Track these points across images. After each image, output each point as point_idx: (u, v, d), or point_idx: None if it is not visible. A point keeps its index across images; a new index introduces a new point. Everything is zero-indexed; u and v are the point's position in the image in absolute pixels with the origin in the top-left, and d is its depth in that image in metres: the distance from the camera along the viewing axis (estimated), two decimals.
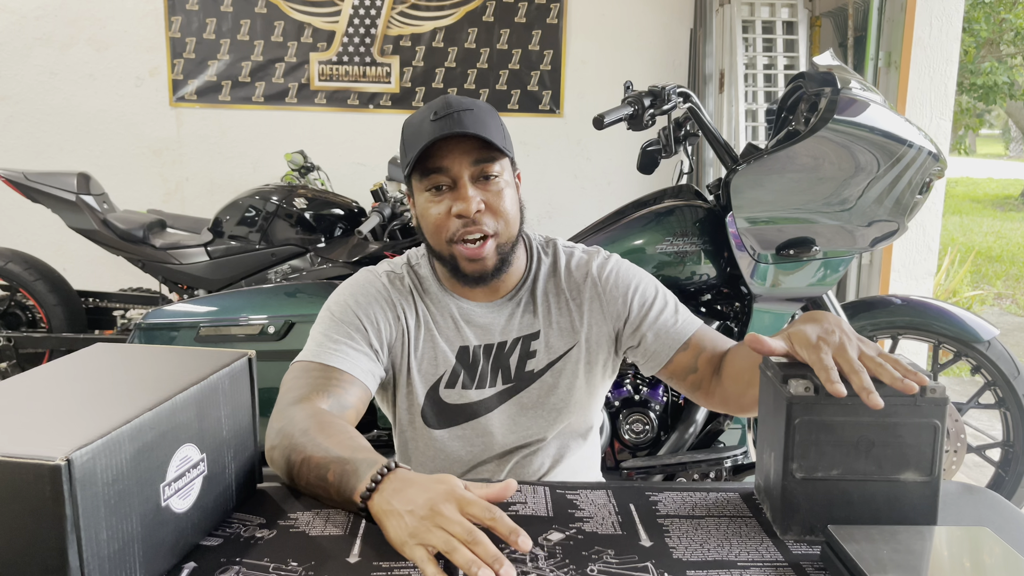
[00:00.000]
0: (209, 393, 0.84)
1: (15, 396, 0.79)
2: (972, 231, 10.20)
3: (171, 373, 0.84)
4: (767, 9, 3.81)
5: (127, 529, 0.71)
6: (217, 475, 0.86)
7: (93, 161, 4.07)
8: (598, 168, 4.35)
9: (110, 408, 0.74)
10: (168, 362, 0.90)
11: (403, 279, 1.26)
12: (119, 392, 0.80)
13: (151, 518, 0.75)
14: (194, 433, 0.81)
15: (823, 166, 2.03)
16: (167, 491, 0.77)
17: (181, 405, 0.79)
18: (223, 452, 0.87)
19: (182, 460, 0.79)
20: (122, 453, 0.70)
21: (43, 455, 0.63)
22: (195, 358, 0.90)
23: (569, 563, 0.81)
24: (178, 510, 0.78)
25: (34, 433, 0.69)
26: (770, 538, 0.88)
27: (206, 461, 0.83)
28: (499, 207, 1.16)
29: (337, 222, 2.98)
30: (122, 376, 0.86)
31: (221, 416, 0.86)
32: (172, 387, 0.80)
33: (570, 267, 1.28)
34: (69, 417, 0.73)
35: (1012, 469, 2.31)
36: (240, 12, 4.11)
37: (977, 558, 0.80)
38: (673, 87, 2.10)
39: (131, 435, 0.71)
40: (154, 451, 0.75)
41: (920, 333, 2.32)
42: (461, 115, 1.12)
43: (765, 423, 0.93)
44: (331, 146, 4.16)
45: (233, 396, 0.89)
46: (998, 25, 10.92)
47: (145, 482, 0.74)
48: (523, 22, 4.21)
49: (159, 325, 2.09)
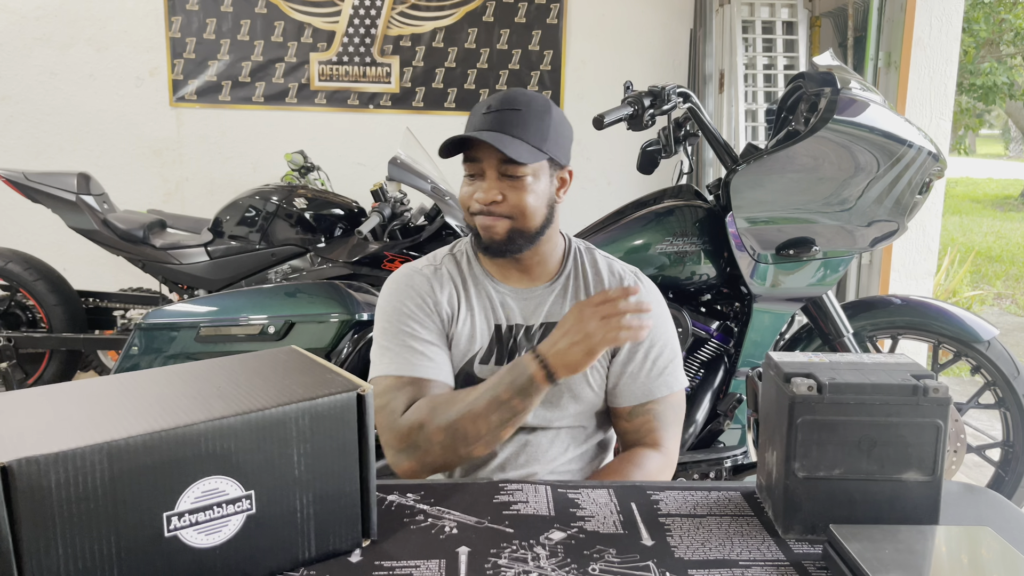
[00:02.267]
0: (270, 427, 0.74)
1: (64, 397, 0.79)
2: (972, 231, 10.20)
3: (240, 395, 0.77)
4: (767, 9, 3.81)
5: (99, 551, 0.68)
6: (276, 517, 0.76)
7: (93, 161, 4.07)
8: (598, 168, 4.35)
9: (112, 424, 0.70)
10: (262, 382, 0.81)
11: (440, 267, 1.35)
12: (146, 409, 0.74)
13: (144, 545, 0.70)
14: (232, 467, 0.73)
15: (823, 166, 2.03)
16: (176, 521, 0.71)
17: (208, 435, 0.71)
18: (289, 493, 0.76)
19: (205, 492, 0.72)
20: (95, 472, 0.67)
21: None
22: (301, 382, 0.80)
23: (571, 562, 0.81)
24: (195, 544, 0.72)
25: (19, 436, 0.68)
26: (772, 537, 0.88)
27: (254, 500, 0.74)
28: (517, 200, 1.25)
29: (337, 222, 2.98)
30: (176, 391, 0.79)
31: (293, 454, 0.76)
32: (208, 413, 0.73)
33: (605, 270, 1.36)
34: (67, 426, 0.71)
35: (1012, 469, 2.31)
36: (240, 12, 4.11)
37: (978, 557, 0.80)
38: (673, 87, 2.10)
39: (110, 454, 0.67)
40: (153, 476, 0.69)
41: (920, 333, 2.31)
42: (504, 115, 1.23)
43: (767, 422, 0.94)
44: (331, 146, 4.16)
45: (321, 434, 0.77)
46: (998, 25, 10.92)
47: (135, 507, 0.69)
48: (523, 22, 4.21)
49: (159, 325, 2.09)
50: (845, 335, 2.21)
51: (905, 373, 0.87)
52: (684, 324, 2.14)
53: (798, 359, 0.92)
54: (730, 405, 2.22)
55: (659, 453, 1.27)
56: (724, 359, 2.25)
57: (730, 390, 2.23)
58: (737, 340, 2.22)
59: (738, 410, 2.23)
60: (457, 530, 0.88)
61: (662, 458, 1.27)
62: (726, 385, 2.24)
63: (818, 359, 0.93)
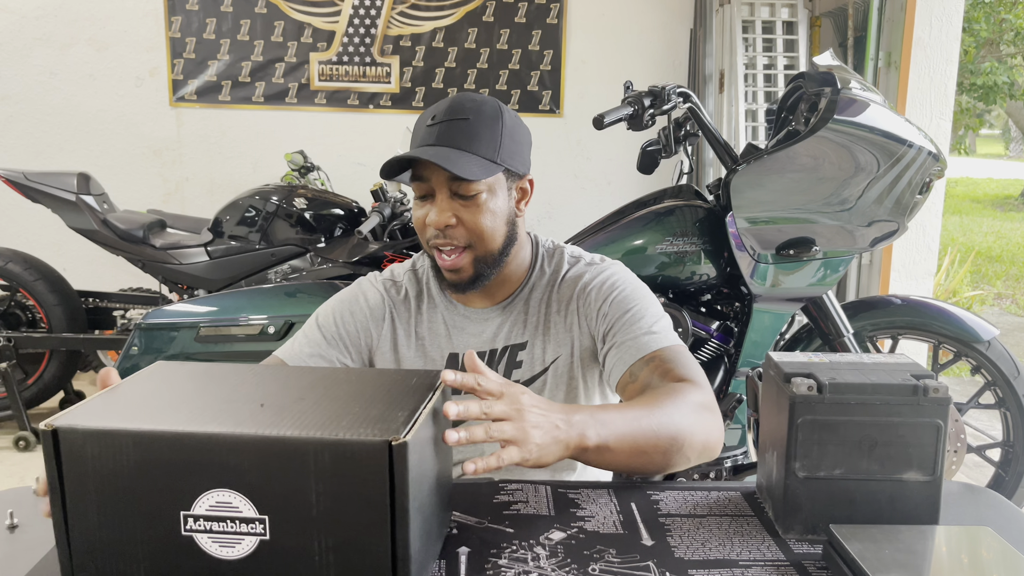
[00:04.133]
0: (286, 455, 0.70)
1: (161, 379, 0.85)
2: (972, 231, 10.20)
3: (279, 414, 0.74)
4: (767, 9, 3.81)
5: (125, 528, 0.72)
6: (291, 552, 0.72)
7: (93, 161, 4.06)
8: (598, 168, 4.35)
9: (154, 415, 0.75)
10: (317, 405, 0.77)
11: (401, 287, 1.28)
12: (190, 407, 0.77)
13: (163, 537, 0.72)
14: (246, 485, 0.70)
15: (823, 166, 2.03)
16: (192, 523, 0.71)
17: (225, 446, 0.70)
18: (306, 531, 0.71)
19: (220, 503, 0.71)
20: (122, 454, 0.71)
21: (51, 420, 0.72)
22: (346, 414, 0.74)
23: (571, 562, 0.81)
24: (211, 552, 0.72)
25: (94, 406, 0.76)
26: (772, 537, 0.88)
27: (267, 526, 0.71)
28: (473, 224, 1.15)
29: (337, 222, 2.98)
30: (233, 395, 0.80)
31: (311, 491, 0.70)
32: (232, 425, 0.71)
33: (566, 280, 1.25)
34: (130, 406, 0.77)
35: (1012, 469, 2.31)
36: (240, 12, 4.11)
37: (978, 558, 0.80)
38: (673, 87, 2.10)
39: (136, 442, 0.70)
40: (172, 472, 0.71)
41: (920, 333, 2.31)
42: (450, 127, 1.12)
43: (767, 422, 0.94)
44: (331, 146, 4.16)
45: (344, 477, 0.70)
46: (998, 25, 10.92)
47: (155, 497, 0.71)
48: (523, 22, 4.21)
49: (159, 325, 2.09)
50: (845, 335, 2.21)
51: (905, 373, 0.87)
52: (684, 324, 2.14)
53: (798, 359, 0.92)
54: (730, 405, 2.22)
55: (690, 384, 1.06)
56: (724, 359, 2.25)
57: (730, 390, 2.23)
58: (737, 340, 2.22)
59: (738, 410, 2.23)
60: (457, 530, 0.88)
61: (696, 387, 1.05)
62: (726, 385, 2.24)
63: (818, 359, 0.93)
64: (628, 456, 0.94)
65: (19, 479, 2.83)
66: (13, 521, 0.89)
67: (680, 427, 0.98)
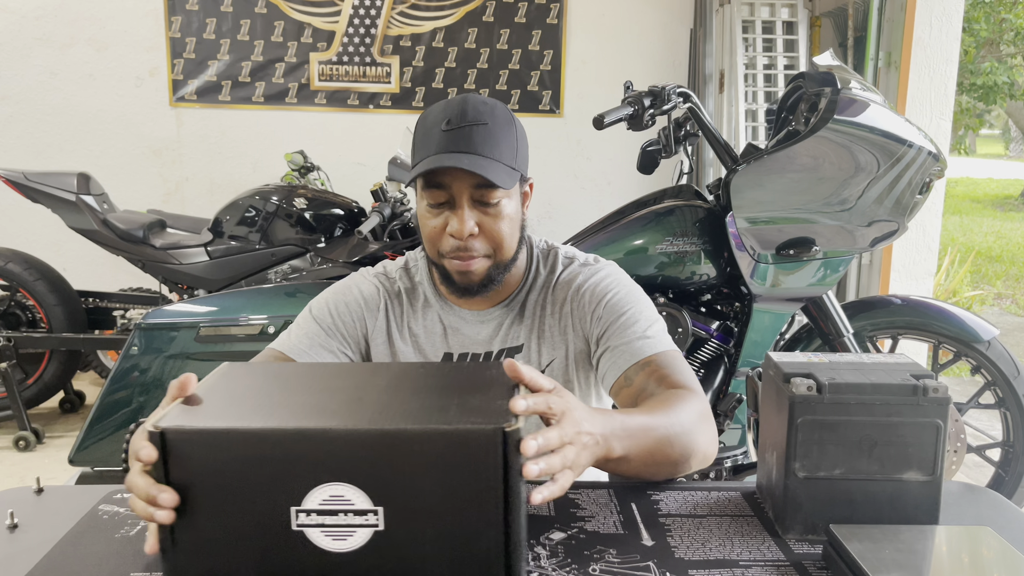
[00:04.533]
0: (403, 447, 0.71)
1: (262, 377, 0.87)
2: (972, 231, 10.20)
3: (390, 408, 0.76)
4: (767, 9, 3.81)
5: (233, 526, 0.72)
6: (405, 541, 0.73)
7: (93, 161, 4.06)
8: (598, 168, 4.35)
9: (261, 412, 0.76)
10: (421, 398, 0.78)
11: (394, 283, 1.26)
12: (299, 404, 0.78)
13: (272, 532, 0.72)
14: (358, 477, 0.71)
15: (823, 166, 2.03)
16: (303, 517, 0.72)
17: (339, 441, 0.71)
18: (420, 520, 0.72)
19: (333, 496, 0.71)
20: (230, 452, 0.71)
21: (157, 421, 0.72)
22: (455, 406, 0.75)
23: (571, 562, 0.81)
24: (323, 546, 0.72)
25: (200, 407, 0.77)
26: (772, 537, 0.88)
27: (382, 516, 0.72)
28: (495, 232, 1.14)
29: (337, 222, 2.98)
30: (339, 390, 0.82)
31: (426, 480, 0.72)
32: (346, 420, 0.73)
33: (560, 282, 1.25)
34: (234, 405, 0.78)
35: (1012, 469, 2.31)
36: (240, 12, 4.11)
37: (978, 557, 0.80)
38: (673, 87, 2.10)
39: (244, 440, 0.71)
40: (282, 469, 0.71)
41: (920, 333, 2.31)
42: (472, 132, 1.09)
43: (767, 422, 0.94)
44: (331, 146, 4.16)
45: (458, 466, 0.71)
46: (998, 25, 10.92)
47: (264, 494, 0.72)
48: (523, 22, 4.21)
49: (159, 325, 2.09)
50: (845, 335, 2.21)
51: (905, 373, 0.87)
52: (684, 324, 2.14)
53: (798, 359, 0.92)
54: (730, 405, 2.22)
55: (690, 392, 1.06)
56: (724, 359, 2.25)
57: (730, 390, 2.23)
58: (737, 340, 2.22)
59: (738, 410, 2.23)
60: None
61: (696, 396, 1.06)
62: (726, 385, 2.24)
63: (818, 359, 0.93)
64: (641, 466, 0.95)
65: (19, 479, 2.83)
66: (13, 521, 0.89)
67: (689, 438, 0.98)
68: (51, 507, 0.94)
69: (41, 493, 0.97)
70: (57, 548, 0.84)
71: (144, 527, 0.88)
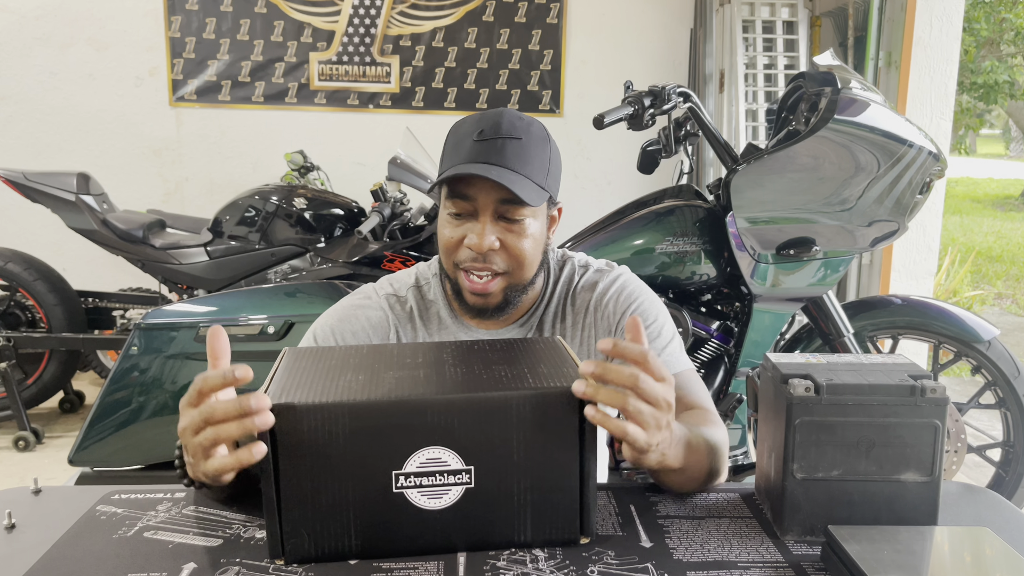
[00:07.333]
0: (492, 410, 0.79)
1: (358, 355, 0.91)
2: (972, 231, 10.20)
3: (476, 376, 0.83)
4: (767, 9, 3.81)
5: (339, 491, 0.78)
6: (493, 495, 0.81)
7: (93, 161, 4.06)
8: (598, 168, 4.35)
9: (363, 386, 0.80)
10: (504, 367, 0.86)
11: (405, 304, 1.21)
12: (395, 376, 0.84)
13: (375, 496, 0.79)
14: (454, 440, 0.79)
15: (823, 166, 2.03)
16: (403, 480, 0.79)
17: (435, 408, 0.78)
18: (507, 475, 0.81)
19: (428, 460, 0.79)
20: (337, 424, 0.77)
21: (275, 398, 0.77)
22: (534, 372, 0.84)
23: (569, 564, 0.81)
24: (421, 505, 0.80)
25: (302, 384, 0.81)
26: (770, 538, 0.87)
27: (473, 475, 0.80)
28: (516, 250, 1.10)
29: (337, 222, 2.98)
30: (428, 364, 0.87)
31: (512, 438, 0.80)
32: (439, 389, 0.80)
33: (577, 291, 1.23)
34: (337, 381, 0.82)
35: (1012, 469, 2.31)
36: (240, 12, 4.11)
37: (978, 558, 0.80)
38: (673, 87, 2.10)
39: (351, 412, 0.77)
40: (385, 437, 0.78)
41: (920, 333, 2.31)
42: (505, 145, 1.06)
43: (766, 423, 0.93)
44: (331, 146, 4.16)
45: (541, 423, 0.80)
46: (998, 25, 10.92)
47: (369, 460, 0.78)
48: (523, 22, 4.21)
49: (159, 325, 2.09)
50: (845, 335, 2.21)
51: (903, 373, 0.87)
52: (684, 324, 2.14)
53: (796, 360, 0.92)
54: (730, 405, 2.22)
55: (710, 413, 1.10)
56: (724, 359, 2.25)
57: (730, 390, 2.23)
58: (737, 340, 2.22)
59: (738, 410, 2.23)
60: None
61: (717, 419, 1.09)
62: (726, 385, 2.24)
63: (816, 360, 0.92)
64: (683, 480, 0.96)
65: (19, 479, 2.83)
66: (11, 521, 0.89)
67: (720, 459, 1.01)
68: (49, 507, 0.94)
69: (39, 493, 0.97)
70: (55, 548, 0.84)
71: (143, 527, 0.88)
